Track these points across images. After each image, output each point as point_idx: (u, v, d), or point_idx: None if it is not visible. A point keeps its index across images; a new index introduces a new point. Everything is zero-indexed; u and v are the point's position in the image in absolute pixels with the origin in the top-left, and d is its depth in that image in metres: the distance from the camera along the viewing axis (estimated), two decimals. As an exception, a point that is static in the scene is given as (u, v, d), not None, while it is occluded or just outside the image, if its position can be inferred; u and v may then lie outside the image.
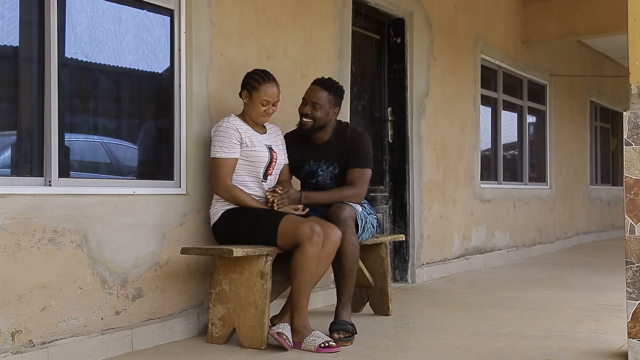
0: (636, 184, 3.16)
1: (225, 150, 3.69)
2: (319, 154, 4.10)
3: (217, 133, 3.72)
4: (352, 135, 4.11)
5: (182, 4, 3.87)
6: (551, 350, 3.48)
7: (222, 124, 3.73)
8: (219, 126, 3.73)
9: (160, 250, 3.66)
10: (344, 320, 3.77)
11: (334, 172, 4.11)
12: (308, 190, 4.05)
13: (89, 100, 3.62)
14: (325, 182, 4.13)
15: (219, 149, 3.70)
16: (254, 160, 3.77)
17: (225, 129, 3.70)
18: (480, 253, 7.30)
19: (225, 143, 3.69)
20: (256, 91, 3.75)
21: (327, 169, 4.10)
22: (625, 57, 3.51)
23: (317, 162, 4.11)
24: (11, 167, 3.23)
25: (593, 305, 4.82)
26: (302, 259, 3.53)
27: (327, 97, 3.98)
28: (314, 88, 4.01)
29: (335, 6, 5.07)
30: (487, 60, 7.66)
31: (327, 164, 4.10)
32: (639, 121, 3.17)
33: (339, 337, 3.65)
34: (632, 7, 3.24)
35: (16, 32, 3.22)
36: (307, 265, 3.53)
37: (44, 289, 3.09)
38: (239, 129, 3.73)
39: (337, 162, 4.10)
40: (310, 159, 4.10)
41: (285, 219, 3.60)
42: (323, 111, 3.97)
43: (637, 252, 3.14)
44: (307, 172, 4.13)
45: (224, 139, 3.69)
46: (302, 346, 3.50)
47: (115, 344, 3.38)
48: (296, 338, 3.53)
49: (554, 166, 9.54)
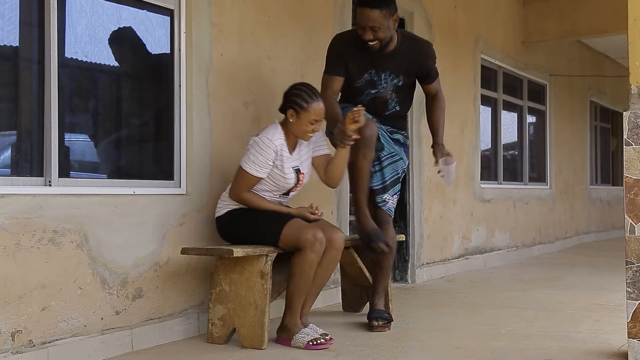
0: (636, 184, 3.16)
1: (256, 169, 3.59)
2: (383, 63, 3.88)
3: (257, 147, 3.59)
4: (422, 48, 4.03)
5: (182, 4, 3.87)
6: (551, 350, 3.48)
7: (265, 141, 3.59)
8: (262, 141, 3.59)
9: (160, 250, 3.66)
10: (381, 309, 4.03)
11: (397, 84, 3.96)
12: (363, 101, 3.91)
13: (89, 100, 3.62)
14: (387, 93, 3.96)
15: (251, 165, 3.59)
16: (278, 183, 3.70)
17: (267, 148, 3.58)
18: (480, 253, 7.30)
19: (260, 162, 3.58)
20: (305, 112, 3.61)
21: (392, 80, 3.94)
22: (625, 57, 3.51)
23: (379, 71, 3.89)
24: (11, 167, 3.23)
25: (593, 305, 4.82)
26: (301, 263, 3.54)
27: (381, 14, 3.73)
28: (364, 11, 3.74)
29: (335, 6, 5.07)
30: (487, 60, 7.66)
31: (391, 75, 3.93)
32: (639, 121, 3.17)
33: (377, 324, 3.93)
34: (632, 7, 3.23)
35: (16, 32, 3.22)
36: (305, 271, 3.55)
37: (44, 289, 3.09)
38: (277, 151, 3.61)
39: (402, 74, 3.95)
40: (371, 67, 3.85)
41: (290, 224, 3.58)
42: (384, 28, 3.76)
43: (637, 252, 3.14)
44: (366, 81, 3.90)
45: (260, 157, 3.58)
46: (291, 343, 3.55)
47: (115, 344, 3.38)
48: (286, 335, 3.58)
49: (554, 166, 9.54)
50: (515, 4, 8.36)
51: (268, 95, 4.42)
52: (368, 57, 3.90)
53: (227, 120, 4.11)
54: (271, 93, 4.45)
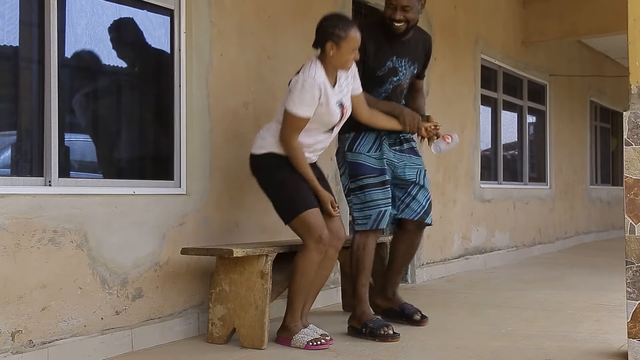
0: (636, 184, 3.16)
1: (303, 109, 3.47)
2: (402, 50, 3.87)
3: (302, 87, 3.47)
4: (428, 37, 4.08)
5: (182, 4, 3.87)
6: (551, 350, 3.48)
7: (308, 79, 3.48)
8: (306, 80, 3.48)
9: (160, 250, 3.66)
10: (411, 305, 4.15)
11: (413, 72, 3.97)
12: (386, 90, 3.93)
13: (89, 100, 3.62)
14: (405, 82, 3.97)
15: (298, 106, 3.47)
16: (324, 119, 3.59)
17: (312, 87, 3.46)
18: (480, 253, 7.30)
19: (306, 101, 3.46)
20: (345, 41, 3.51)
21: (410, 67, 3.95)
22: (625, 57, 3.51)
23: (400, 58, 3.88)
24: (11, 167, 3.23)
25: (593, 305, 4.82)
26: (304, 262, 3.54)
27: None
28: None
29: (335, 6, 5.06)
30: (487, 60, 7.66)
31: (409, 62, 3.94)
32: (639, 121, 3.17)
33: (421, 317, 4.07)
34: (632, 7, 3.23)
35: (16, 32, 3.22)
36: (307, 270, 3.55)
37: (44, 289, 3.09)
38: (321, 87, 3.50)
39: (417, 61, 3.96)
40: (393, 54, 3.82)
41: (310, 213, 3.53)
42: (414, 10, 3.80)
43: (637, 252, 3.14)
44: (389, 69, 3.87)
45: (306, 96, 3.46)
46: (291, 343, 3.55)
47: (115, 344, 3.38)
48: (286, 335, 3.58)
49: (554, 166, 9.54)
50: (515, 4, 8.36)
51: (268, 95, 4.42)
52: (388, 45, 3.88)
53: (227, 120, 4.11)
54: (271, 93, 4.45)
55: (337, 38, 3.52)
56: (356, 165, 3.92)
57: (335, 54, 3.54)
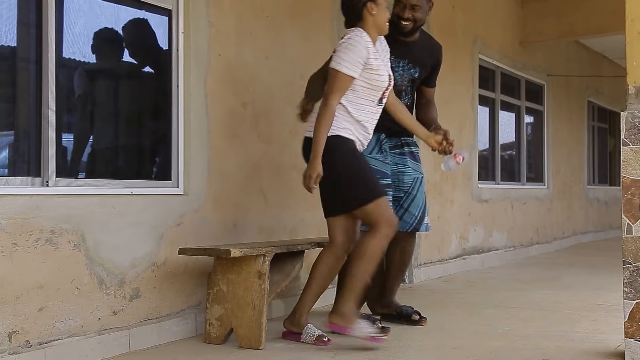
0: (633, 184, 3.17)
1: (348, 66, 3.42)
2: (402, 52, 3.86)
3: (348, 45, 3.44)
4: (438, 46, 4.08)
5: (180, 4, 3.86)
6: (549, 350, 3.48)
7: (354, 37, 3.45)
8: (351, 38, 3.45)
9: (158, 250, 3.65)
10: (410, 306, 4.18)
11: (413, 75, 3.96)
12: None
13: (87, 101, 3.61)
14: (403, 83, 3.95)
15: (343, 62, 3.43)
16: (375, 85, 3.52)
17: (358, 44, 3.43)
18: (478, 253, 7.31)
19: (353, 59, 3.42)
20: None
21: (409, 70, 3.93)
22: (622, 57, 3.51)
23: (398, 59, 3.87)
24: (8, 167, 3.23)
25: (590, 305, 4.83)
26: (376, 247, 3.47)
27: None
28: None
29: (333, 6, 5.06)
30: (485, 61, 7.67)
31: (409, 64, 3.93)
32: (636, 121, 3.18)
33: (419, 317, 4.08)
34: (629, 8, 3.24)
35: (14, 32, 3.21)
36: (376, 256, 3.50)
37: (41, 290, 3.09)
38: (368, 47, 3.46)
39: (420, 65, 3.95)
40: (391, 54, 3.80)
41: (381, 201, 3.49)
42: (422, 10, 3.81)
43: (634, 252, 3.14)
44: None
45: (351, 54, 3.42)
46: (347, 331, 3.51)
47: (112, 344, 3.37)
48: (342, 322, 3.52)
49: (551, 166, 9.55)
50: (513, 4, 8.36)
51: (266, 95, 4.42)
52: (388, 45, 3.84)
53: (226, 121, 4.11)
54: (269, 93, 4.45)
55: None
56: None
57: (378, 12, 3.51)
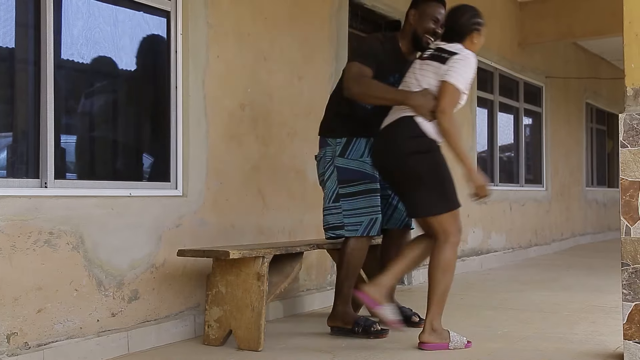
0: (632, 186, 3.17)
1: (466, 85, 3.47)
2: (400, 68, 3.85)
3: (469, 63, 3.49)
4: None
5: (179, 6, 3.86)
6: (547, 352, 3.48)
7: (473, 59, 3.51)
8: (469, 58, 3.50)
9: (157, 252, 3.65)
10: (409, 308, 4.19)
11: None
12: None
13: (85, 102, 3.61)
14: None
15: (462, 81, 3.46)
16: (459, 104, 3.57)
17: (473, 65, 3.51)
18: (477, 255, 7.31)
19: (469, 78, 3.49)
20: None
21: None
22: (620, 59, 3.51)
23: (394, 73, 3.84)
24: (7, 168, 3.22)
25: (589, 306, 4.83)
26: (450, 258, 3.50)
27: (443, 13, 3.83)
28: (439, 6, 3.83)
29: (332, 8, 5.07)
30: (484, 62, 7.67)
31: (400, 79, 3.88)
32: (634, 123, 3.18)
33: (419, 319, 4.04)
34: (627, 10, 3.24)
35: (12, 33, 3.21)
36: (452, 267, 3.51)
37: (40, 291, 3.08)
38: None
39: None
40: (396, 71, 3.80)
41: (455, 213, 3.55)
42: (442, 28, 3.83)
43: (632, 253, 3.14)
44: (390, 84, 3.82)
45: (470, 74, 3.49)
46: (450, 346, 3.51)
47: (111, 346, 3.37)
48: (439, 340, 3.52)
49: (550, 168, 9.55)
50: (511, 5, 8.37)
51: (265, 96, 4.42)
52: (396, 62, 3.87)
53: (224, 122, 4.11)
54: (268, 94, 4.45)
55: (479, 26, 3.64)
56: (349, 171, 3.85)
57: (478, 43, 3.62)
